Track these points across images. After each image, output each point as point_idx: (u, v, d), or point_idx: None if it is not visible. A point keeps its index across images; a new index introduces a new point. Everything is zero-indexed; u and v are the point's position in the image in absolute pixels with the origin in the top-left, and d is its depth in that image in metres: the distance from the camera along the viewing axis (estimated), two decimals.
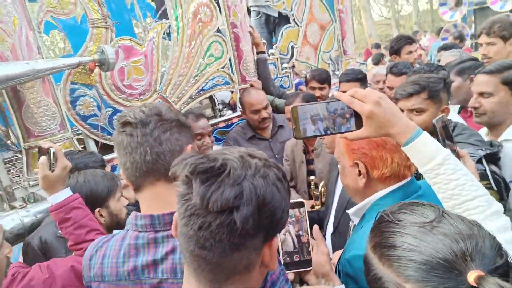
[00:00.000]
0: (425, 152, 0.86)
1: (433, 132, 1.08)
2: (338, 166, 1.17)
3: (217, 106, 3.10)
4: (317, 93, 2.90)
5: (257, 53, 2.94)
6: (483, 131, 1.79)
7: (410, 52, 3.15)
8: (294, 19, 3.24)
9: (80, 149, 2.09)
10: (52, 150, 1.31)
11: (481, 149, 1.44)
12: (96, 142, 2.22)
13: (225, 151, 0.67)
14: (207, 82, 2.71)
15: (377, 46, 8.53)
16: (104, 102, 2.22)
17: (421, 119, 1.56)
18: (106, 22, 2.14)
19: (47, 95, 1.94)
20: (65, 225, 1.26)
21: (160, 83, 2.46)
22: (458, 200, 0.85)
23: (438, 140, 1.09)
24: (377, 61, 6.78)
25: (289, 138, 2.66)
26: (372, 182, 1.03)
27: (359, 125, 0.89)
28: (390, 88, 2.61)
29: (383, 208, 0.99)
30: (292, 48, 3.26)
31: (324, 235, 1.93)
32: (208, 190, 0.59)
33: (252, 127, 2.68)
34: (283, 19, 3.43)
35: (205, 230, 0.59)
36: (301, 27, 3.30)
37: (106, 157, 2.19)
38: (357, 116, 0.89)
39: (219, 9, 2.70)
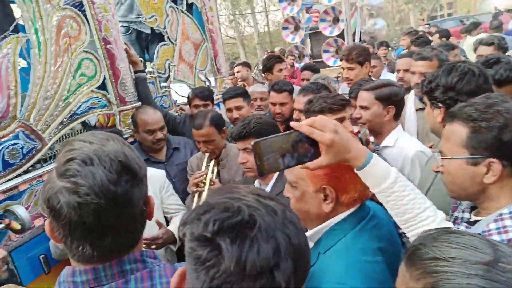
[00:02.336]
0: (379, 173, 0.94)
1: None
2: (288, 192, 1.13)
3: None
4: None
5: (135, 72, 2.72)
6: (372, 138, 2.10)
7: (281, 69, 3.45)
8: (168, 37, 3.14)
9: None
10: None
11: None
12: None
13: (234, 194, 0.58)
14: (80, 105, 2.36)
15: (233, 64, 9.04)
16: None
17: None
18: None
19: None
20: None
21: (21, 109, 2.01)
22: (411, 214, 0.95)
23: None
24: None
25: (185, 160, 2.54)
26: (337, 207, 1.04)
27: (317, 153, 0.92)
28: (273, 104, 2.79)
29: (341, 232, 1.04)
30: (169, 66, 3.14)
31: None
32: (242, 250, 0.50)
33: (144, 149, 2.46)
34: (156, 36, 3.28)
35: None
36: (176, 45, 3.22)
37: None
38: (315, 144, 0.91)
39: (88, 23, 2.40)
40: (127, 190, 0.72)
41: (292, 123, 0.92)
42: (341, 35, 7.54)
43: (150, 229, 2.07)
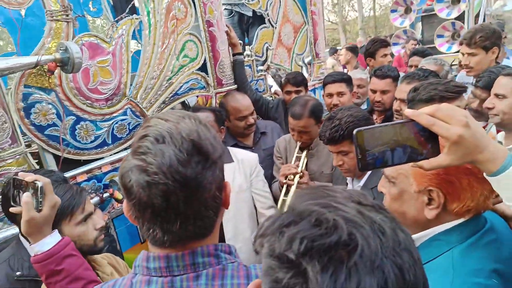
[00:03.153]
0: None
1: None
2: (383, 187, 0.99)
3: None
4: (294, 96, 2.76)
5: (233, 55, 2.73)
6: (501, 136, 1.75)
7: (385, 55, 3.13)
8: (269, 19, 3.07)
9: (36, 166, 1.74)
10: (40, 184, 1.01)
11: None
12: (56, 157, 1.87)
13: (329, 200, 0.46)
14: (181, 86, 2.45)
15: (334, 51, 8.67)
16: (66, 109, 1.88)
17: None
18: (67, 15, 1.81)
19: None
20: (55, 278, 0.98)
21: (130, 87, 2.16)
22: None
23: None
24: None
25: (272, 145, 2.49)
26: (442, 214, 0.86)
27: (436, 150, 0.73)
28: (373, 91, 2.55)
29: (447, 245, 0.83)
30: (267, 49, 3.09)
31: None
32: (335, 282, 0.38)
33: (232, 134, 2.48)
34: (257, 19, 3.25)
35: None
36: (275, 28, 3.14)
37: (68, 174, 1.86)
38: (434, 139, 0.73)
39: (194, 5, 2.45)
40: (198, 173, 0.66)
41: (407, 111, 0.74)
42: (460, 18, 6.63)
43: (237, 222, 2.07)
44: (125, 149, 2.17)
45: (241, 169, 2.12)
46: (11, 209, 1.06)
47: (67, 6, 1.80)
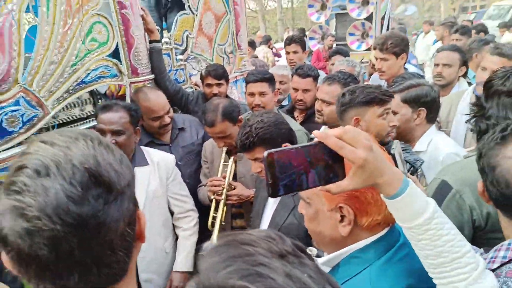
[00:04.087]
0: (416, 205, 0.74)
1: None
2: (302, 208, 0.97)
3: (99, 101, 2.55)
4: (215, 90, 2.68)
5: (150, 42, 2.52)
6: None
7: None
8: (189, 6, 2.90)
9: None
10: None
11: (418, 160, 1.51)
12: None
13: (252, 266, 0.42)
14: (88, 73, 2.18)
15: (268, 39, 8.70)
16: None
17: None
18: None
19: None
20: None
21: (24, 72, 1.84)
22: (446, 258, 0.76)
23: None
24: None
25: (192, 142, 2.38)
26: (356, 230, 0.87)
27: (343, 173, 0.72)
28: (295, 90, 2.58)
29: (364, 262, 0.85)
30: (187, 38, 2.92)
31: None
32: None
33: (146, 131, 2.30)
34: (176, 4, 3.05)
35: None
36: (196, 15, 2.98)
37: None
38: (341, 161, 0.72)
39: None
40: (97, 210, 0.52)
41: (316, 133, 0.73)
42: (369, 19, 7.16)
43: (149, 232, 1.91)
44: (18, 144, 1.86)
45: (156, 172, 1.95)
46: None
47: None
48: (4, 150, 1.79)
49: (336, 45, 7.20)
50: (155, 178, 1.93)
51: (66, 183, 0.50)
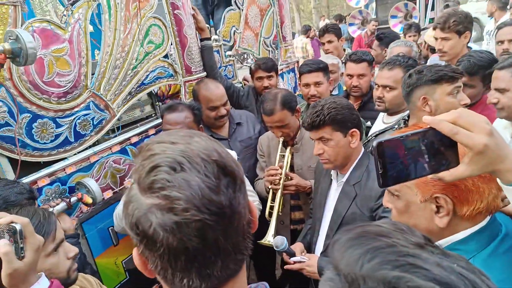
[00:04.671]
0: None
1: None
2: (388, 202, 0.95)
3: (157, 102, 2.64)
4: (266, 82, 2.69)
5: (201, 40, 2.56)
6: (502, 124, 1.73)
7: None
8: (235, 1, 2.92)
9: None
10: (18, 227, 0.84)
11: None
12: (12, 160, 1.65)
13: (400, 256, 0.42)
14: (147, 75, 2.26)
15: (307, 29, 8.59)
16: (19, 105, 1.64)
17: None
18: None
19: None
20: None
21: (92, 78, 1.95)
22: None
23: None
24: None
25: (249, 136, 2.41)
26: (455, 221, 0.83)
27: (456, 160, 0.68)
28: (350, 76, 2.53)
29: (466, 254, 0.79)
30: (234, 33, 2.95)
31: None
32: None
33: (206, 125, 2.35)
34: (222, 1, 3.07)
35: None
36: (242, 10, 3.00)
37: (28, 179, 1.66)
38: (453, 147, 0.68)
39: None
40: (231, 198, 0.55)
41: (426, 118, 0.69)
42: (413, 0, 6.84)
43: None
44: (90, 146, 1.98)
45: None
46: None
47: None
48: (80, 152, 1.91)
49: (378, 29, 6.96)
50: None
51: (202, 175, 0.52)
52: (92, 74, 1.94)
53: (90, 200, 1.76)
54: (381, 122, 2.12)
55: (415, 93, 1.59)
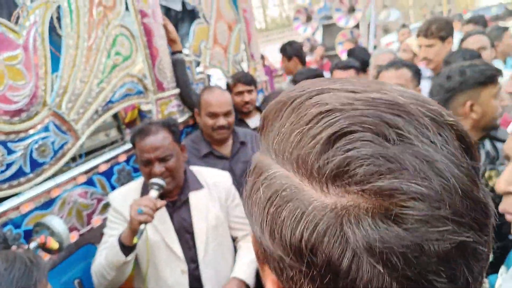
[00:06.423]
0: None
1: None
2: None
3: (123, 124, 2.29)
4: (246, 97, 2.49)
5: (173, 53, 2.31)
6: None
7: None
8: (203, 14, 2.72)
9: None
10: None
11: None
12: None
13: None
14: (115, 92, 1.94)
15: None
16: None
17: None
18: None
19: None
20: None
21: (52, 93, 1.59)
22: None
23: None
24: None
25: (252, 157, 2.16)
26: None
27: None
28: None
29: None
30: (204, 48, 2.73)
31: None
32: None
33: (206, 141, 2.08)
34: (186, 13, 2.86)
35: None
36: (210, 24, 2.81)
37: None
38: None
39: None
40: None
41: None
42: (357, 27, 7.21)
43: (218, 266, 1.63)
44: (50, 177, 1.59)
45: (214, 195, 1.66)
46: None
47: None
48: (37, 185, 1.51)
49: (326, 55, 7.19)
50: (214, 202, 1.65)
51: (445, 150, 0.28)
52: (51, 90, 1.59)
53: (56, 245, 1.36)
54: None
55: (457, 99, 1.40)
